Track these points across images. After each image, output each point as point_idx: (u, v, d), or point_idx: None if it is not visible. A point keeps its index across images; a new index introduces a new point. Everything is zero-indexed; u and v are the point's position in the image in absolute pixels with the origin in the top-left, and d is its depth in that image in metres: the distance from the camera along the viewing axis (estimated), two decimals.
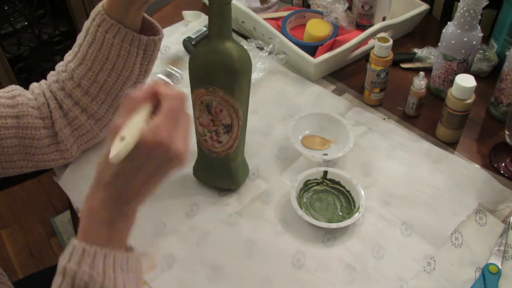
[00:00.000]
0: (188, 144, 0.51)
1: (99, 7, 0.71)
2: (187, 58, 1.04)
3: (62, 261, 0.51)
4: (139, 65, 0.75)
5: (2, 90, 0.73)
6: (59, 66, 0.76)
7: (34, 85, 0.76)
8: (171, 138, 0.49)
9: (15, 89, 0.73)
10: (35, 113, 0.73)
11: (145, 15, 0.76)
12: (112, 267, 0.52)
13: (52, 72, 0.76)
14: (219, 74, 0.67)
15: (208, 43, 0.67)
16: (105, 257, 0.51)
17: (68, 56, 0.75)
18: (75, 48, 0.74)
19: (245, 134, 0.76)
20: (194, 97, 0.70)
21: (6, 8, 1.70)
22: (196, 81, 0.69)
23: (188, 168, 0.82)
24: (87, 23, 0.72)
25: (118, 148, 0.47)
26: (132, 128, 0.48)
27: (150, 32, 0.76)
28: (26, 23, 1.75)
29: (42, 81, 0.77)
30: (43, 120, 0.73)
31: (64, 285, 0.50)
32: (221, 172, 0.78)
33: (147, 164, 0.50)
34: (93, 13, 0.71)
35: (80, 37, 0.73)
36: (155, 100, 0.51)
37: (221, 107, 0.69)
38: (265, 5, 0.71)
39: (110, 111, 0.78)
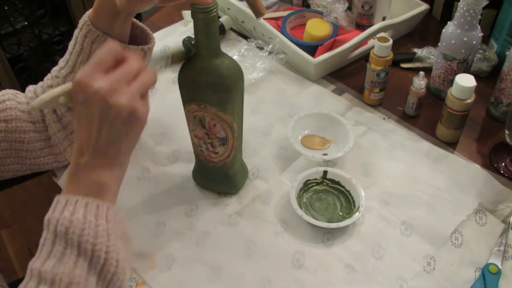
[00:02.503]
0: (135, 100, 0.51)
1: (85, 16, 0.69)
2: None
3: (46, 216, 0.51)
4: None
5: None
6: (54, 71, 0.75)
7: (29, 88, 0.76)
8: (97, 82, 0.49)
9: (6, 93, 0.73)
10: (24, 117, 0.72)
11: (138, 22, 0.74)
12: (94, 214, 0.51)
13: (48, 75, 0.76)
14: (210, 93, 0.65)
15: (195, 59, 0.64)
16: (87, 204, 0.51)
17: (61, 62, 0.74)
18: (66, 55, 0.73)
19: (242, 141, 0.75)
20: (186, 112, 0.69)
21: (6, 8, 1.71)
22: (187, 98, 0.67)
23: (188, 169, 0.82)
24: (75, 32, 0.71)
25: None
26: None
27: (142, 39, 0.74)
28: (26, 23, 1.75)
29: (39, 84, 0.76)
30: (34, 124, 0.73)
31: (48, 236, 0.50)
32: (219, 179, 0.78)
33: (87, 111, 0.50)
34: (80, 22, 0.69)
35: (70, 45, 0.72)
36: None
37: (215, 122, 0.68)
38: (260, 18, 0.70)
39: None
